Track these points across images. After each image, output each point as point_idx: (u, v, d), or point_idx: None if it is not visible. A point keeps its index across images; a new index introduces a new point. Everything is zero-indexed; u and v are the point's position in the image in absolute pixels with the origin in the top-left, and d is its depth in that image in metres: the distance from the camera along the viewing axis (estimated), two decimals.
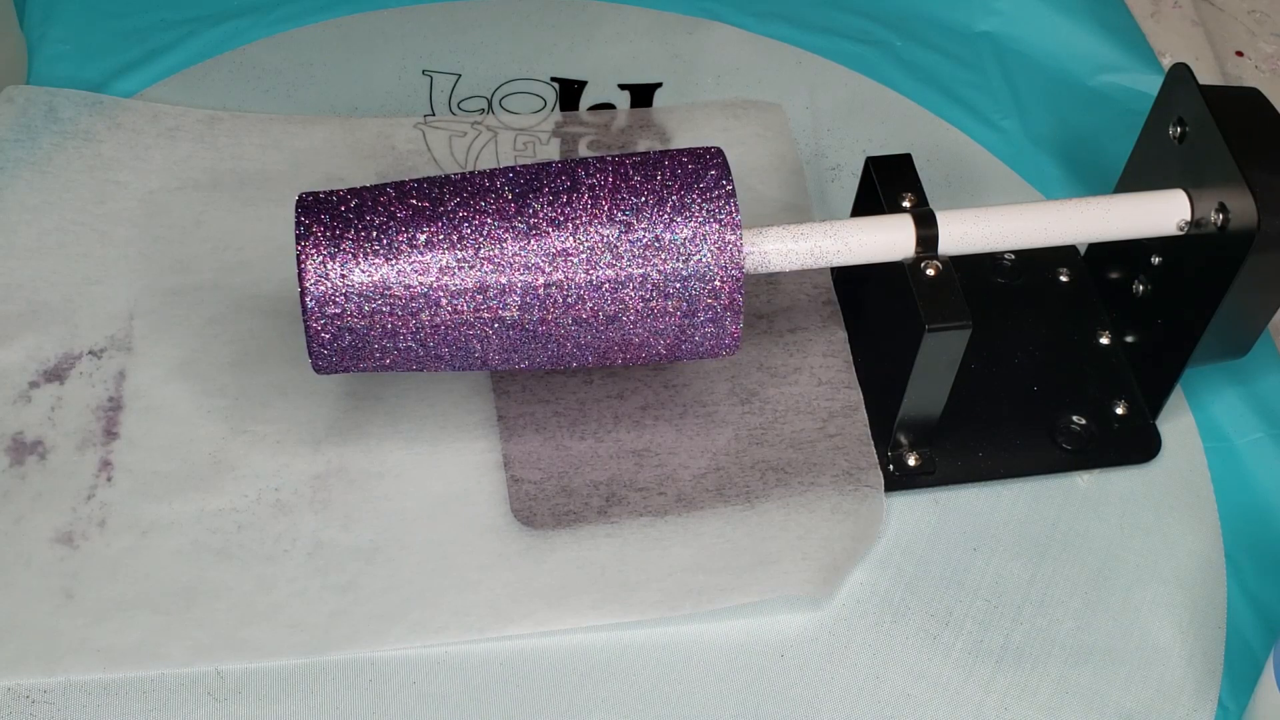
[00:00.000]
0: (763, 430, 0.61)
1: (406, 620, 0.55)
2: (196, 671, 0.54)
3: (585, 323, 0.53)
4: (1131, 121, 0.67)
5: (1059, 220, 0.57)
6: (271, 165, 0.69)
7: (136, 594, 0.55)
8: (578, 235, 0.52)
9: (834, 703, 0.54)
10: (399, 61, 0.76)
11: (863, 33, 0.79)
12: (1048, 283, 0.67)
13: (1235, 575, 0.59)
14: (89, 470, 0.58)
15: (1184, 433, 0.63)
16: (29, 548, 0.56)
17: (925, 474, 0.60)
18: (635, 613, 0.55)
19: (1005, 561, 0.59)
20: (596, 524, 0.57)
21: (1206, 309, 0.56)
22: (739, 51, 0.78)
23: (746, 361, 0.63)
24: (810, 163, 0.73)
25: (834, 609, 0.57)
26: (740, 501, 0.58)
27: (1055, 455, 0.61)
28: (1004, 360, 0.64)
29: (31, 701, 0.52)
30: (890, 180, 0.59)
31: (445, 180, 0.53)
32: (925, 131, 0.74)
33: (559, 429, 0.60)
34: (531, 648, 0.55)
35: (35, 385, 0.61)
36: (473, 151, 0.71)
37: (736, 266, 0.52)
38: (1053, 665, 0.56)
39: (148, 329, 0.63)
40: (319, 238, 0.51)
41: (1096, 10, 0.80)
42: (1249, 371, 0.65)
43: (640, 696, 0.54)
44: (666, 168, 0.53)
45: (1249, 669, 0.56)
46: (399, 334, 0.52)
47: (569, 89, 0.75)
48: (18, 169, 0.68)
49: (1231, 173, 0.54)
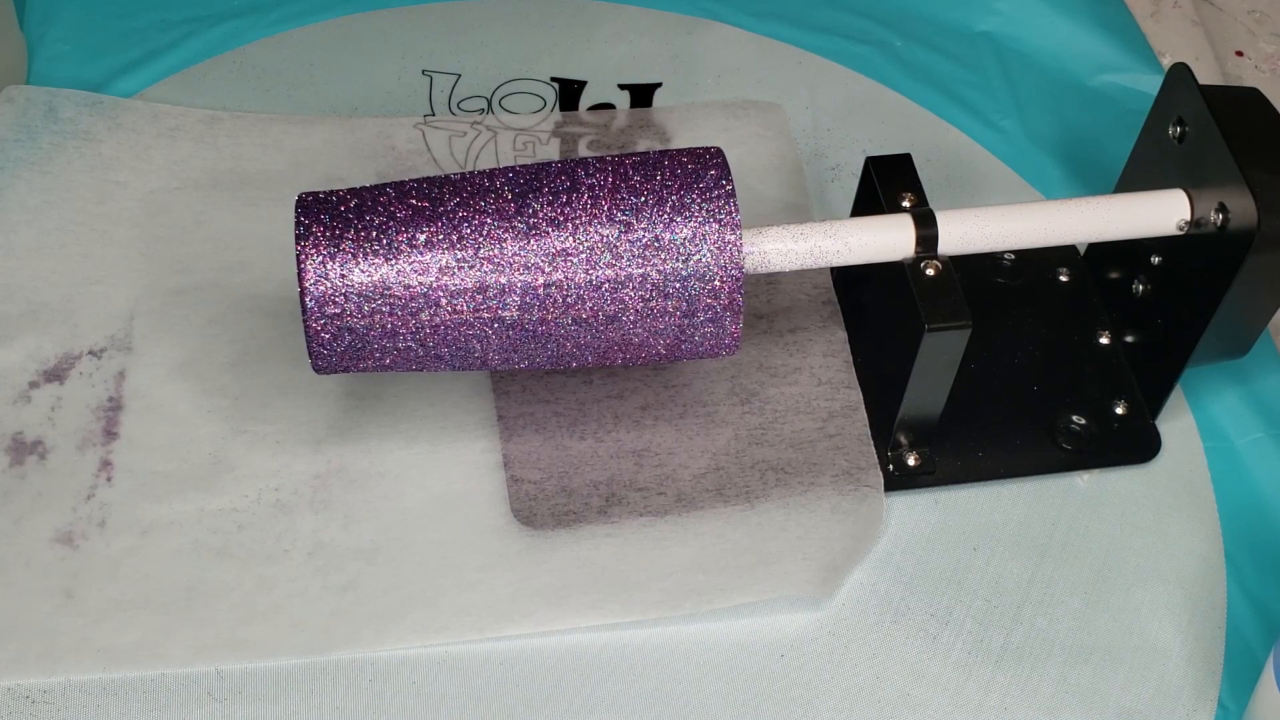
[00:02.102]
0: (763, 430, 0.61)
1: (406, 620, 0.55)
2: (196, 671, 0.54)
3: (585, 323, 0.53)
4: (1131, 121, 0.67)
5: (1059, 220, 0.57)
6: (271, 165, 0.69)
7: (136, 594, 0.55)
8: (577, 235, 0.52)
9: (834, 703, 0.54)
10: (399, 61, 0.76)
11: (863, 33, 0.79)
12: (1048, 283, 0.67)
13: (1235, 575, 0.59)
14: (89, 470, 0.58)
15: (1184, 433, 0.63)
16: (29, 548, 0.56)
17: (925, 474, 0.60)
18: (635, 613, 0.55)
19: (1005, 561, 0.59)
20: (596, 524, 0.57)
21: (1206, 309, 0.56)
22: (739, 51, 0.78)
23: (746, 361, 0.63)
24: (810, 163, 0.73)
25: (834, 609, 0.57)
26: (740, 501, 0.58)
27: (1055, 455, 0.61)
28: (1004, 360, 0.64)
29: (31, 701, 0.52)
30: (890, 180, 0.59)
31: (445, 180, 0.53)
32: (925, 131, 0.74)
33: (559, 429, 0.60)
34: (531, 648, 0.55)
35: (35, 385, 0.61)
36: (472, 151, 0.71)
37: (736, 266, 0.52)
38: (1053, 665, 0.56)
39: (148, 329, 0.63)
40: (319, 238, 0.51)
41: (1096, 10, 0.80)
42: (1249, 371, 0.65)
43: (640, 696, 0.54)
44: (666, 168, 0.53)
45: (1249, 669, 0.56)
46: (399, 334, 0.52)
47: (569, 89, 0.75)
48: (18, 169, 0.68)
49: (1231, 173, 0.54)
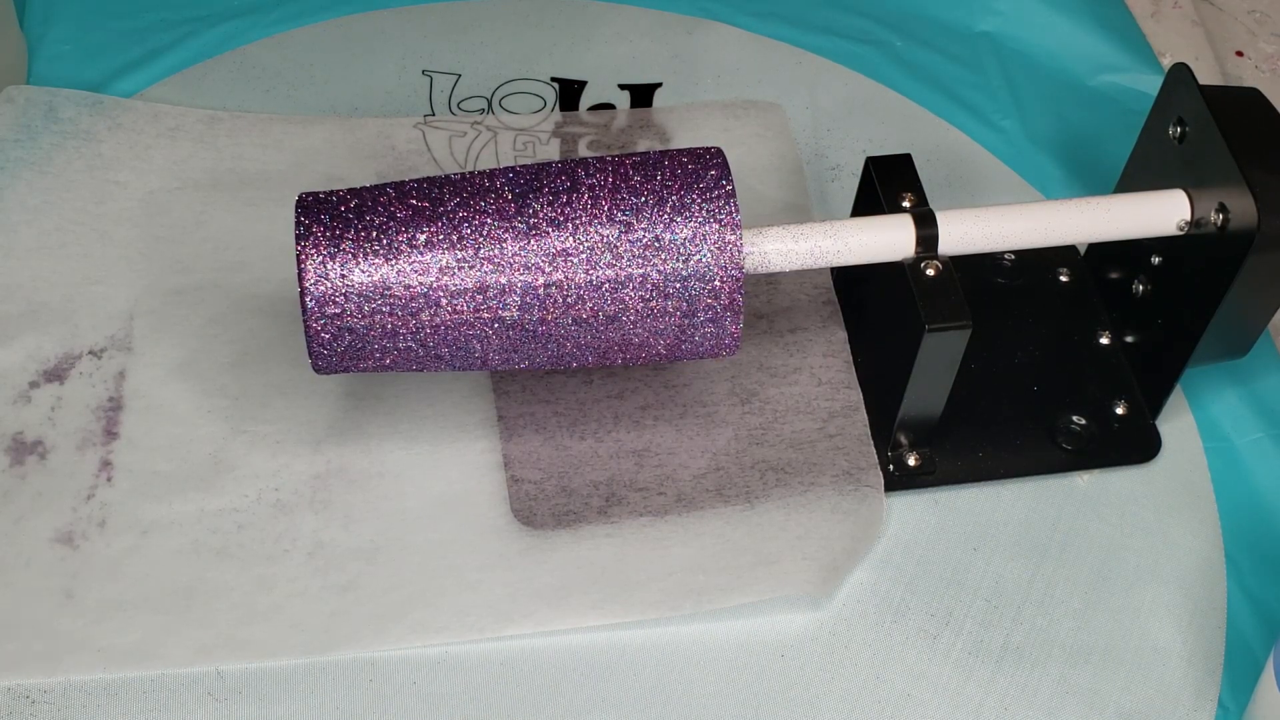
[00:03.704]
0: (763, 430, 0.61)
1: (406, 620, 0.55)
2: (196, 671, 0.54)
3: (585, 323, 0.53)
4: (1131, 121, 0.67)
5: (1059, 220, 0.57)
6: (271, 165, 0.69)
7: (136, 594, 0.55)
8: (577, 235, 0.52)
9: (834, 703, 0.54)
10: (399, 61, 0.76)
11: (863, 33, 0.79)
12: (1048, 283, 0.67)
13: (1235, 575, 0.59)
14: (89, 470, 0.58)
15: (1184, 433, 0.63)
16: (29, 548, 0.56)
17: (925, 474, 0.60)
18: (635, 613, 0.55)
19: (1005, 561, 0.59)
20: (596, 524, 0.57)
21: (1206, 309, 0.56)
22: (739, 51, 0.78)
23: (746, 361, 0.63)
24: (810, 163, 0.73)
25: (834, 609, 0.57)
26: (740, 501, 0.58)
27: (1055, 455, 0.61)
28: (1004, 360, 0.64)
29: (31, 701, 0.52)
30: (890, 180, 0.59)
31: (445, 180, 0.53)
32: (925, 131, 0.74)
33: (559, 429, 0.60)
34: (531, 648, 0.55)
35: (35, 385, 0.61)
36: (473, 151, 0.71)
37: (736, 266, 0.52)
38: (1053, 665, 0.56)
39: (148, 329, 0.63)
40: (319, 238, 0.51)
41: (1096, 10, 0.80)
42: (1249, 371, 0.65)
43: (640, 696, 0.54)
44: (666, 168, 0.53)
45: (1249, 669, 0.56)
46: (399, 334, 0.52)
47: (569, 89, 0.75)
48: (18, 169, 0.68)
49: (1231, 173, 0.54)
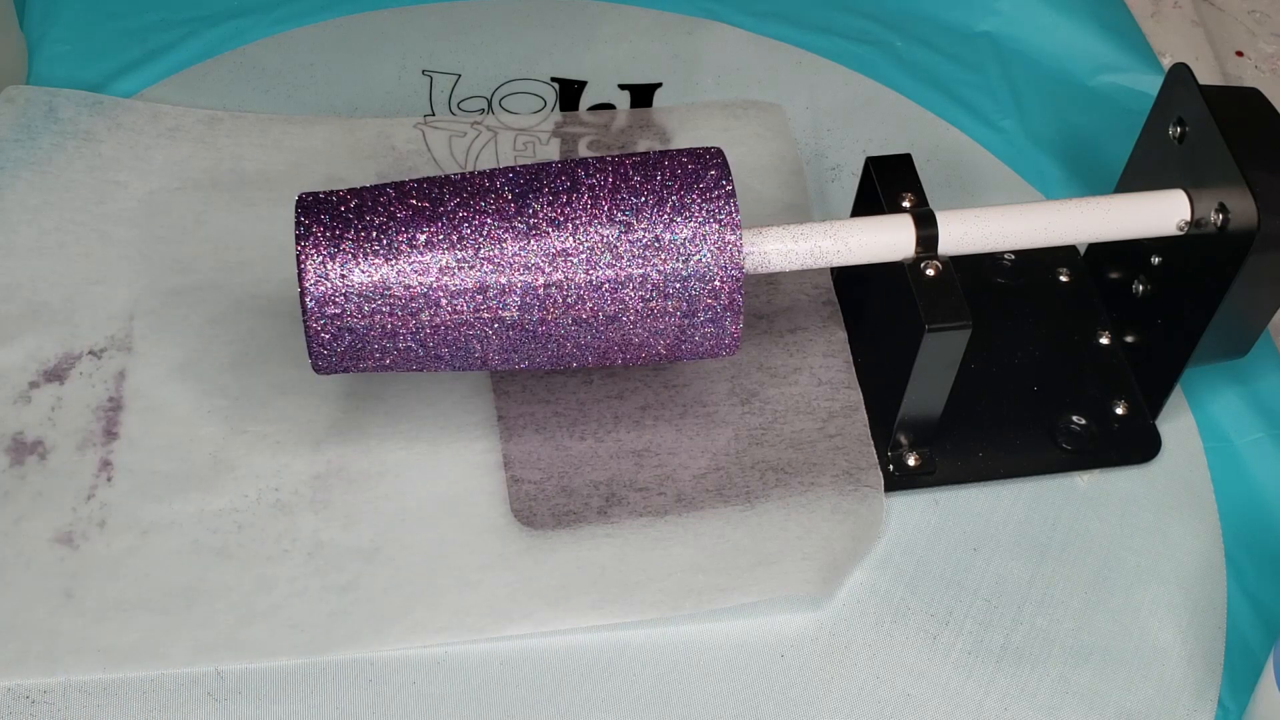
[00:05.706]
0: (763, 430, 0.61)
1: (406, 620, 0.55)
2: (196, 671, 0.54)
3: (585, 323, 0.53)
4: (1131, 121, 0.67)
5: (1059, 220, 0.57)
6: (271, 165, 0.69)
7: (136, 594, 0.55)
8: (577, 235, 0.52)
9: (834, 703, 0.54)
10: (399, 61, 0.76)
11: (863, 33, 0.79)
12: (1048, 283, 0.67)
13: (1235, 575, 0.59)
14: (89, 470, 0.58)
15: (1184, 433, 0.63)
16: (29, 548, 0.56)
17: (925, 474, 0.60)
18: (635, 613, 0.55)
19: (1005, 561, 0.59)
20: (596, 524, 0.57)
21: (1206, 309, 0.56)
22: (739, 51, 0.78)
23: (746, 361, 0.63)
24: (810, 163, 0.73)
25: (834, 609, 0.57)
26: (740, 501, 0.58)
27: (1055, 455, 0.61)
28: (1004, 360, 0.64)
29: (31, 701, 0.52)
30: (890, 180, 0.59)
31: (445, 180, 0.53)
32: (925, 131, 0.74)
33: (559, 429, 0.60)
34: (531, 648, 0.55)
35: (35, 385, 0.61)
36: (473, 151, 0.71)
37: (736, 266, 0.52)
38: (1053, 665, 0.56)
39: (148, 329, 0.63)
40: (319, 238, 0.51)
41: (1096, 10, 0.80)
42: (1249, 371, 0.65)
43: (640, 696, 0.54)
44: (666, 168, 0.53)
45: (1249, 669, 0.56)
46: (399, 334, 0.52)
47: (569, 89, 0.75)
48: (18, 169, 0.68)
49: (1231, 173, 0.54)
